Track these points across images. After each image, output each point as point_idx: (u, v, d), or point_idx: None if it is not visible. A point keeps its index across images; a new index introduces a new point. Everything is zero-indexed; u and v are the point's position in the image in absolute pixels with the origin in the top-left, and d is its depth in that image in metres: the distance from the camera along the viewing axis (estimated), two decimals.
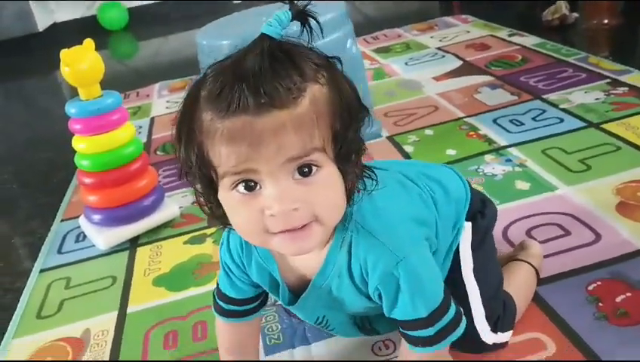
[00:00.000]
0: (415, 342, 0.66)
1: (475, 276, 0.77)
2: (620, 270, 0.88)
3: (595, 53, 1.79)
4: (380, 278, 0.64)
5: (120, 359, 0.92)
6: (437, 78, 1.85)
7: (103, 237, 1.23)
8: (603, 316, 0.81)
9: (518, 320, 0.81)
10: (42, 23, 3.85)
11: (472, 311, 0.76)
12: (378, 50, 2.28)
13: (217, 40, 1.49)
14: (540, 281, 0.88)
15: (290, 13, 0.58)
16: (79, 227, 1.32)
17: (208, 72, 0.57)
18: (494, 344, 0.78)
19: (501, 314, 0.78)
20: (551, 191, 1.12)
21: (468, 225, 0.79)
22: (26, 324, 1.05)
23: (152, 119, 2.03)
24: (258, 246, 0.64)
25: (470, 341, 0.75)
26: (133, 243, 1.24)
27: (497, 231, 1.01)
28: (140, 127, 1.95)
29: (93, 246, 1.25)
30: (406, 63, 2.06)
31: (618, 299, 0.83)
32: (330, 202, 0.58)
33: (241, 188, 0.56)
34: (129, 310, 1.03)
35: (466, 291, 0.77)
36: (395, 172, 0.76)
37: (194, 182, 0.61)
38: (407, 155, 1.38)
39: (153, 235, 1.25)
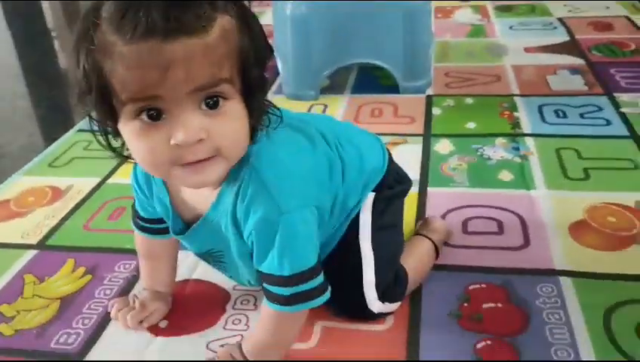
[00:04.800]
0: (272, 298, 0.66)
1: (371, 244, 0.77)
2: (513, 281, 0.83)
3: None
4: (257, 224, 0.63)
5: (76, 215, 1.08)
6: (528, 49, 1.72)
7: None
8: (457, 315, 0.78)
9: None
10: None
11: (363, 277, 0.76)
12: (500, 8, 2.14)
13: None
14: (433, 267, 0.86)
15: None
16: None
17: None
18: (380, 313, 0.78)
19: (391, 284, 0.79)
20: (526, 190, 1.05)
21: (371, 195, 0.78)
22: (39, 168, 1.26)
23: None
24: (159, 178, 0.64)
25: (356, 307, 0.77)
26: None
27: (440, 211, 1.00)
28: None
29: None
30: (510, 27, 1.93)
31: (485, 306, 0.79)
32: (234, 135, 0.58)
33: (144, 116, 0.55)
34: (110, 181, 1.18)
35: (360, 257, 0.76)
36: (311, 126, 0.73)
37: (90, 110, 0.58)
38: (429, 117, 1.35)
39: None
